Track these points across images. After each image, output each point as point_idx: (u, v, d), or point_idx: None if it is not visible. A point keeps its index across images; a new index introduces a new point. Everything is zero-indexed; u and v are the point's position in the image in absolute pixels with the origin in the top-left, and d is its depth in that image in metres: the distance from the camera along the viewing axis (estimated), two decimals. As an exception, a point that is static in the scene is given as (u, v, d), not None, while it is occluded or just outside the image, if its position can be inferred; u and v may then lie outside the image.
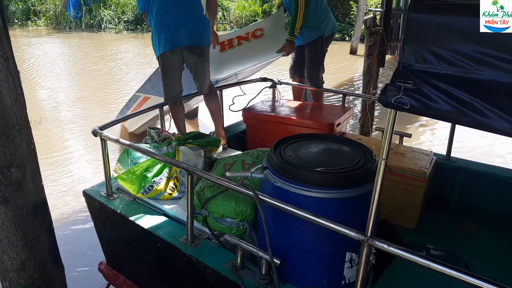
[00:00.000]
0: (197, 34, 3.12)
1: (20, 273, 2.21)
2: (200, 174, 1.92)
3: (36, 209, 2.19)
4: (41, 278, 2.28)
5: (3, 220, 2.06)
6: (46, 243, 2.28)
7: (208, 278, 1.86)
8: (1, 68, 1.90)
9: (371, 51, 4.56)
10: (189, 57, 3.11)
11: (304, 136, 2.05)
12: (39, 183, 2.22)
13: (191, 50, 3.10)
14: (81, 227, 4.01)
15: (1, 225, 2.07)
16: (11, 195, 2.05)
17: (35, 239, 2.20)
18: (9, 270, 2.19)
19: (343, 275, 1.72)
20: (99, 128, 2.33)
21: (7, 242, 2.11)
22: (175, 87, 3.18)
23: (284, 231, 1.73)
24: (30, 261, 2.21)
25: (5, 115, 1.95)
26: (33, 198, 2.16)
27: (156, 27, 3.02)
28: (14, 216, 2.08)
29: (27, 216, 2.14)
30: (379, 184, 1.34)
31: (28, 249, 2.18)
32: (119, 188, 2.45)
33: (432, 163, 2.73)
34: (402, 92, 1.19)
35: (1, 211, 2.04)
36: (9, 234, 2.10)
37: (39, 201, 2.21)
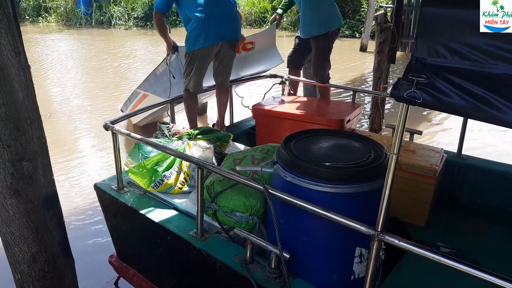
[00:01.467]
0: (238, 29, 3.40)
1: (31, 266, 2.24)
2: (210, 168, 1.93)
3: (47, 203, 2.21)
4: (51, 271, 2.31)
5: (15, 213, 2.09)
6: (56, 236, 2.31)
7: (218, 272, 1.88)
8: (13, 62, 1.92)
9: (382, 48, 4.52)
10: (227, 50, 3.33)
11: (314, 131, 2.04)
12: (50, 177, 2.24)
13: (231, 44, 3.35)
14: (92, 220, 4.05)
15: (13, 218, 2.10)
16: (22, 188, 2.07)
17: (46, 232, 2.23)
18: (21, 262, 2.22)
19: (353, 270, 1.72)
20: (111, 122, 2.35)
21: (19, 235, 2.14)
22: (202, 80, 3.37)
23: (293, 226, 1.74)
24: (41, 254, 2.23)
25: (17, 109, 1.97)
26: (44, 192, 2.19)
27: (201, 22, 3.14)
28: (26, 209, 2.11)
29: (38, 210, 2.16)
30: (390, 179, 1.33)
31: (39, 242, 2.21)
32: (129, 182, 2.47)
33: (443, 160, 2.71)
34: (414, 86, 1.19)
35: (13, 204, 2.07)
36: (21, 227, 2.13)
37: (50, 194, 2.24)
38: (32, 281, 2.28)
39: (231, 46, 3.37)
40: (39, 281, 2.29)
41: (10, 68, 1.90)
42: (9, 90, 1.91)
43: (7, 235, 2.15)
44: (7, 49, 1.88)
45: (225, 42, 3.28)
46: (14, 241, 2.16)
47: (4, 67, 1.88)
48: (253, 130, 3.50)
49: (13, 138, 1.98)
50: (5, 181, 2.01)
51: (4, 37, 1.86)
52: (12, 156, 2.00)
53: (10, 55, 1.90)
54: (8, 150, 1.97)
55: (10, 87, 1.91)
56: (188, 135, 2.54)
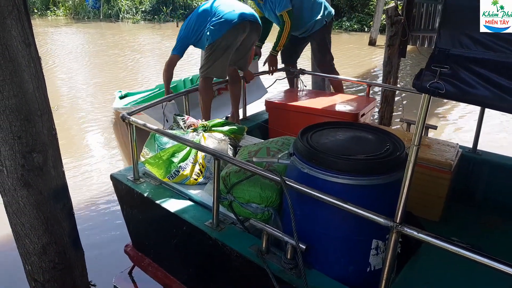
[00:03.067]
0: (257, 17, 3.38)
1: (41, 257, 2.24)
2: (227, 159, 1.94)
3: (57, 194, 2.21)
4: (61, 262, 2.31)
5: (25, 204, 2.09)
6: (66, 228, 2.31)
7: (233, 262, 1.89)
8: (23, 53, 1.91)
9: (392, 41, 4.49)
10: (253, 33, 3.34)
11: (331, 123, 2.04)
12: (60, 169, 2.23)
13: (257, 27, 3.34)
14: (108, 210, 4.10)
15: (23, 210, 2.10)
16: (33, 180, 2.07)
17: (56, 223, 2.23)
18: (31, 253, 2.22)
19: (369, 262, 1.72)
20: (128, 113, 2.38)
21: (29, 226, 2.15)
22: (226, 68, 3.33)
23: (310, 217, 1.74)
24: (51, 245, 2.24)
25: (27, 101, 1.96)
26: (54, 183, 2.18)
27: (221, 16, 3.16)
28: (36, 201, 2.11)
29: (48, 201, 2.16)
30: (410, 170, 1.33)
31: (49, 233, 2.21)
32: (145, 172, 2.50)
33: (458, 155, 2.69)
34: (438, 76, 1.18)
35: (23, 195, 2.07)
36: (31, 218, 2.13)
37: (60, 186, 2.23)
38: (43, 272, 2.28)
39: (256, 30, 3.34)
40: (49, 272, 2.30)
41: (20, 59, 1.89)
42: (20, 82, 1.91)
43: (17, 226, 2.16)
44: (18, 41, 1.87)
45: (252, 25, 3.24)
46: (25, 233, 2.16)
47: (14, 58, 1.87)
48: (266, 123, 3.51)
49: (24, 130, 1.97)
50: (15, 173, 2.02)
51: (15, 28, 1.85)
52: (23, 148, 1.99)
53: (20, 46, 1.88)
54: (18, 141, 1.97)
55: (20, 79, 1.91)
56: (203, 127, 2.56)
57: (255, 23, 3.29)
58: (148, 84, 8.47)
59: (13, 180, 2.03)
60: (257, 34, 3.41)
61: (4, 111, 1.90)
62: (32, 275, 2.31)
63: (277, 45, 3.79)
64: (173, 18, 18.37)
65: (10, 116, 1.92)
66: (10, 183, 2.04)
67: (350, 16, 15.89)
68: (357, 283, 1.68)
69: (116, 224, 3.84)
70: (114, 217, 3.95)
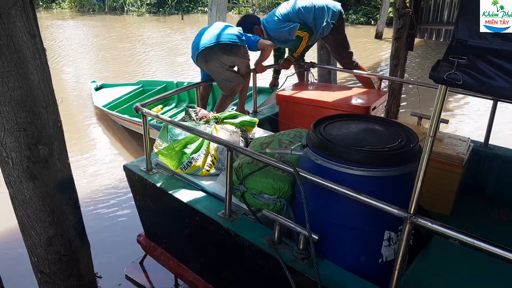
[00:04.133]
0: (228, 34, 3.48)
1: (47, 249, 2.24)
2: (240, 150, 1.96)
3: (63, 186, 2.21)
4: (67, 254, 2.32)
5: (31, 196, 2.09)
6: (72, 220, 2.31)
7: (246, 252, 1.91)
8: (28, 44, 1.89)
9: (400, 34, 4.46)
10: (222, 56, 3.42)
11: (343, 116, 2.05)
12: (66, 161, 2.23)
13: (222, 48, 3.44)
14: (112, 202, 4.15)
15: (29, 201, 2.10)
16: (38, 172, 2.06)
17: (62, 215, 2.23)
18: (37, 245, 2.23)
19: (381, 253, 1.73)
20: (141, 105, 2.40)
21: (35, 218, 2.15)
22: (227, 81, 3.49)
23: (322, 208, 1.76)
24: (57, 237, 2.24)
25: (32, 92, 1.94)
26: (60, 175, 2.18)
27: None
28: (42, 193, 2.11)
29: (54, 193, 2.16)
30: (425, 161, 1.34)
31: (55, 225, 2.21)
32: (157, 163, 2.53)
33: (469, 149, 2.69)
34: (455, 67, 1.18)
35: (29, 187, 2.07)
36: (37, 210, 2.13)
37: (66, 178, 2.23)
38: (49, 264, 2.30)
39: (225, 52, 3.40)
40: (55, 264, 2.31)
41: (25, 50, 1.88)
42: (25, 73, 1.89)
43: (23, 218, 2.16)
44: (23, 32, 1.85)
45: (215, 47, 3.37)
46: (31, 224, 2.17)
47: (19, 49, 1.85)
48: (276, 116, 3.51)
49: (29, 122, 1.96)
50: (21, 165, 2.01)
51: (20, 19, 1.83)
52: (28, 140, 1.99)
53: (25, 37, 1.87)
54: (24, 133, 1.96)
55: (25, 70, 1.89)
56: (215, 119, 2.57)
57: (217, 45, 3.32)
58: (153, 73, 8.51)
59: (18, 171, 2.03)
60: (232, 54, 3.37)
61: (10, 102, 1.89)
62: (38, 267, 2.31)
63: (295, 52, 3.86)
64: (177, 10, 18.38)
65: (15, 107, 1.91)
66: (16, 174, 2.04)
67: (357, 9, 15.79)
68: (369, 274, 1.69)
69: (122, 216, 3.89)
70: (119, 208, 4.00)
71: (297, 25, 3.72)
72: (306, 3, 3.81)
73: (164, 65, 9.81)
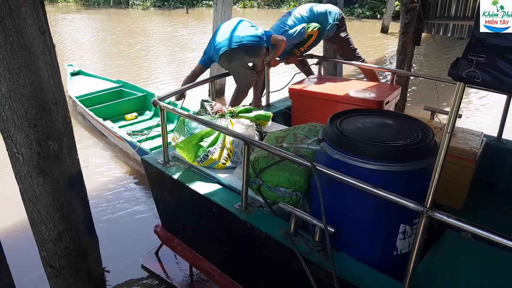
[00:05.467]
0: (257, 35, 3.54)
1: (56, 244, 2.27)
2: (257, 144, 2.00)
3: (72, 182, 2.24)
4: (76, 249, 2.35)
5: (41, 192, 2.11)
6: (81, 215, 2.34)
7: (262, 243, 1.96)
8: (38, 41, 1.90)
9: (407, 29, 4.44)
10: (245, 57, 3.51)
11: (359, 111, 2.07)
12: (75, 156, 2.26)
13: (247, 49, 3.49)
14: (120, 196, 4.23)
15: (39, 197, 2.13)
16: (48, 167, 2.08)
17: (71, 211, 2.26)
18: (47, 240, 2.26)
19: (396, 246, 1.77)
20: (158, 98, 2.45)
21: (45, 213, 2.17)
22: (246, 79, 3.61)
23: (338, 201, 1.80)
24: (66, 232, 2.27)
25: (42, 89, 1.96)
26: (69, 171, 2.20)
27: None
28: (52, 188, 2.13)
29: (63, 189, 2.18)
30: (442, 156, 1.37)
31: (65, 220, 2.24)
32: (174, 156, 2.58)
33: (483, 144, 2.69)
34: (474, 65, 1.21)
35: (39, 183, 2.09)
36: (47, 206, 2.16)
37: (75, 174, 2.26)
38: (58, 259, 2.33)
39: (248, 54, 3.49)
40: (65, 258, 2.34)
41: (35, 47, 1.89)
42: (35, 70, 1.91)
43: (33, 213, 2.19)
44: (33, 28, 1.86)
45: (240, 49, 3.42)
46: (41, 219, 2.19)
47: (29, 46, 1.86)
48: (289, 110, 3.54)
49: (39, 118, 1.98)
50: (31, 160, 2.03)
51: (30, 16, 1.84)
52: (38, 136, 2.00)
53: (35, 34, 1.88)
54: (34, 129, 1.98)
55: (35, 67, 1.90)
56: (230, 113, 2.61)
57: (243, 46, 3.37)
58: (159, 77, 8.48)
59: (29, 167, 2.05)
60: (254, 56, 3.47)
61: (20, 99, 1.91)
62: (47, 261, 2.35)
63: (302, 46, 3.90)
64: (182, 4, 18.35)
65: (25, 104, 1.93)
66: (26, 170, 2.06)
67: (362, 3, 15.64)
68: (383, 266, 1.73)
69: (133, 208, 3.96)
70: (127, 204, 4.06)
71: (305, 26, 3.79)
72: (306, 11, 3.90)
73: (173, 62, 9.81)
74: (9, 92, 1.88)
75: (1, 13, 1.75)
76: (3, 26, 1.78)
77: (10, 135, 1.99)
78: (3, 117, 1.95)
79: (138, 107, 6.08)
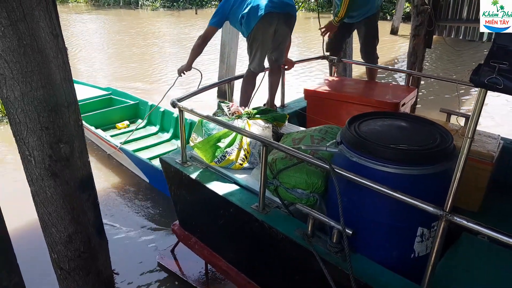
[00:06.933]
0: (294, 5, 3.25)
1: (67, 246, 2.29)
2: (275, 146, 2.02)
3: (83, 185, 2.25)
4: (86, 251, 2.37)
5: (52, 194, 2.13)
6: (92, 218, 2.36)
7: (279, 243, 1.99)
8: (51, 44, 1.91)
9: (418, 31, 4.40)
10: (281, 27, 3.21)
11: (377, 113, 2.09)
12: (86, 159, 2.26)
13: (286, 20, 3.21)
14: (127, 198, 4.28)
15: (50, 199, 2.14)
16: (60, 170, 2.10)
17: (81, 213, 2.27)
18: (57, 242, 2.27)
19: (413, 249, 1.78)
20: (177, 100, 2.49)
21: (56, 216, 2.19)
22: (264, 59, 3.31)
23: (356, 204, 1.81)
24: (76, 235, 2.28)
25: (54, 92, 1.97)
26: (80, 174, 2.21)
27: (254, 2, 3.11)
28: (63, 191, 2.14)
29: (74, 191, 2.20)
30: (463, 161, 1.38)
31: (75, 223, 2.25)
32: (192, 156, 2.62)
33: (500, 147, 2.68)
34: (496, 72, 1.22)
35: (51, 185, 2.10)
36: (58, 208, 2.17)
37: (86, 176, 2.27)
38: (68, 261, 2.34)
39: (286, 23, 3.22)
40: (75, 260, 2.36)
41: (48, 50, 1.90)
42: (48, 73, 1.92)
43: (44, 215, 2.20)
44: (46, 32, 1.87)
45: (281, 17, 3.15)
46: (52, 222, 2.20)
47: (42, 49, 1.88)
48: (304, 111, 3.56)
49: (51, 121, 1.99)
50: (43, 163, 2.04)
51: (43, 19, 1.85)
52: (50, 139, 2.01)
53: (48, 37, 1.89)
54: (46, 132, 1.99)
55: (48, 70, 1.92)
56: (247, 114, 2.64)
57: (285, 14, 3.15)
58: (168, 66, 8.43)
59: (40, 170, 2.06)
60: (288, 26, 3.26)
61: (32, 102, 1.92)
62: (58, 263, 2.37)
63: (337, 15, 3.73)
64: (191, 5, 18.42)
65: (38, 107, 1.94)
66: (38, 173, 2.07)
67: None
68: (401, 268, 1.75)
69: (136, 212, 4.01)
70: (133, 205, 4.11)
71: None
72: None
73: (179, 57, 9.81)
74: (22, 95, 1.89)
75: (14, 16, 1.75)
76: (17, 29, 1.78)
77: (23, 138, 2.00)
78: (16, 120, 1.96)
79: (130, 115, 5.87)
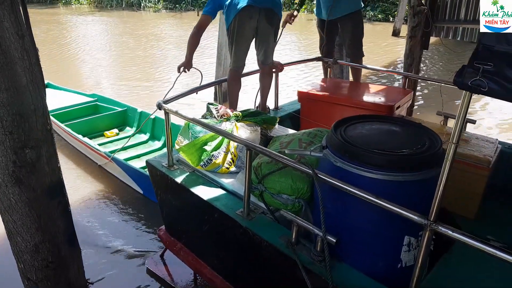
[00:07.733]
0: (279, 1, 3.12)
1: (33, 255, 2.20)
2: (259, 150, 1.96)
3: (52, 191, 2.16)
4: (55, 261, 2.27)
5: (17, 201, 2.04)
6: (61, 226, 2.26)
7: (263, 251, 1.92)
8: (16, 45, 1.83)
9: (414, 32, 4.32)
10: (263, 24, 3.08)
11: (365, 117, 2.01)
12: (55, 165, 2.17)
13: (267, 16, 3.06)
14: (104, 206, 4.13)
15: (15, 207, 2.05)
16: (25, 176, 2.01)
17: (50, 221, 2.18)
18: (23, 251, 2.18)
19: (400, 259, 1.70)
20: (163, 102, 2.43)
21: (21, 224, 2.10)
22: (243, 57, 3.19)
23: (341, 211, 1.74)
24: (44, 244, 2.19)
25: (19, 95, 1.88)
26: (49, 180, 2.12)
27: None
28: (28, 198, 2.05)
29: (41, 198, 2.11)
30: (447, 168, 1.31)
31: (42, 231, 2.16)
32: (179, 159, 2.56)
33: (497, 151, 2.60)
34: (480, 74, 1.14)
35: (15, 192, 2.02)
36: (23, 216, 2.08)
37: (55, 182, 2.17)
38: (35, 271, 2.24)
39: (267, 19, 3.05)
40: (42, 271, 2.26)
41: (13, 52, 1.82)
42: (12, 75, 1.83)
43: (9, 223, 2.12)
44: (10, 32, 1.79)
45: (262, 12, 2.99)
46: (17, 230, 2.12)
47: (6, 50, 1.79)
48: (297, 113, 3.49)
49: (15, 125, 1.90)
50: (6, 169, 1.96)
51: (7, 19, 1.76)
52: (14, 144, 1.92)
53: (13, 38, 1.81)
54: (10, 137, 1.90)
55: (12, 72, 1.83)
56: (236, 117, 2.58)
57: (266, 10, 3.01)
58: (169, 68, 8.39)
59: (4, 176, 1.98)
60: (270, 23, 3.08)
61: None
62: (25, 274, 2.28)
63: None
64: (194, 7, 18.48)
65: (1, 110, 1.85)
66: (1, 179, 1.99)
67: (374, 5, 15.48)
68: (388, 279, 1.67)
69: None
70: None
71: None
72: None
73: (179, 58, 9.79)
74: None
75: None
76: None
77: None
78: None
79: (118, 123, 5.64)
